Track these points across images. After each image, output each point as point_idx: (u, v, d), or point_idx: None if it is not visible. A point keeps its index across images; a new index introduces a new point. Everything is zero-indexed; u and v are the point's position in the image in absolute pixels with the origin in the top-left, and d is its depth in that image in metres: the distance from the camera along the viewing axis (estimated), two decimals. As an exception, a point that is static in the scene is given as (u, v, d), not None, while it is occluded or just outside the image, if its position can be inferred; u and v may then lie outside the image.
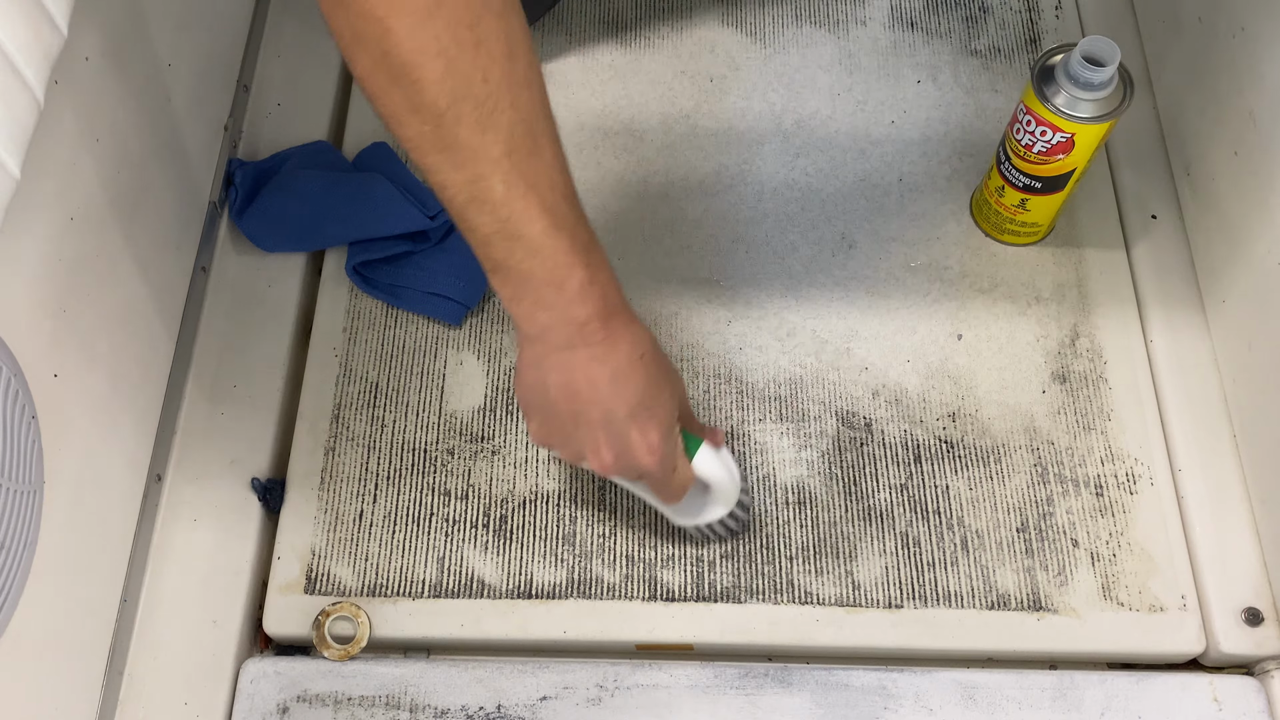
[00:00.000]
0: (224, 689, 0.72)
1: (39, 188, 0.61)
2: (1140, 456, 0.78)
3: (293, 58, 0.94)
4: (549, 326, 0.60)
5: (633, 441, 0.63)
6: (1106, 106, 0.74)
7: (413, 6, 0.49)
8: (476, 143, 0.53)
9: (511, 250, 0.57)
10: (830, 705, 0.71)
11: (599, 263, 0.60)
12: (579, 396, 0.62)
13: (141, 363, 0.74)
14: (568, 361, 0.61)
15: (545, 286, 0.58)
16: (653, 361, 0.63)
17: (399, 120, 0.53)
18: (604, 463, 0.64)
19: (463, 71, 0.51)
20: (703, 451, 0.67)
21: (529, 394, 0.65)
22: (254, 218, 0.85)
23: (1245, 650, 0.72)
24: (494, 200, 0.55)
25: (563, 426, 0.64)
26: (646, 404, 0.63)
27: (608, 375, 0.61)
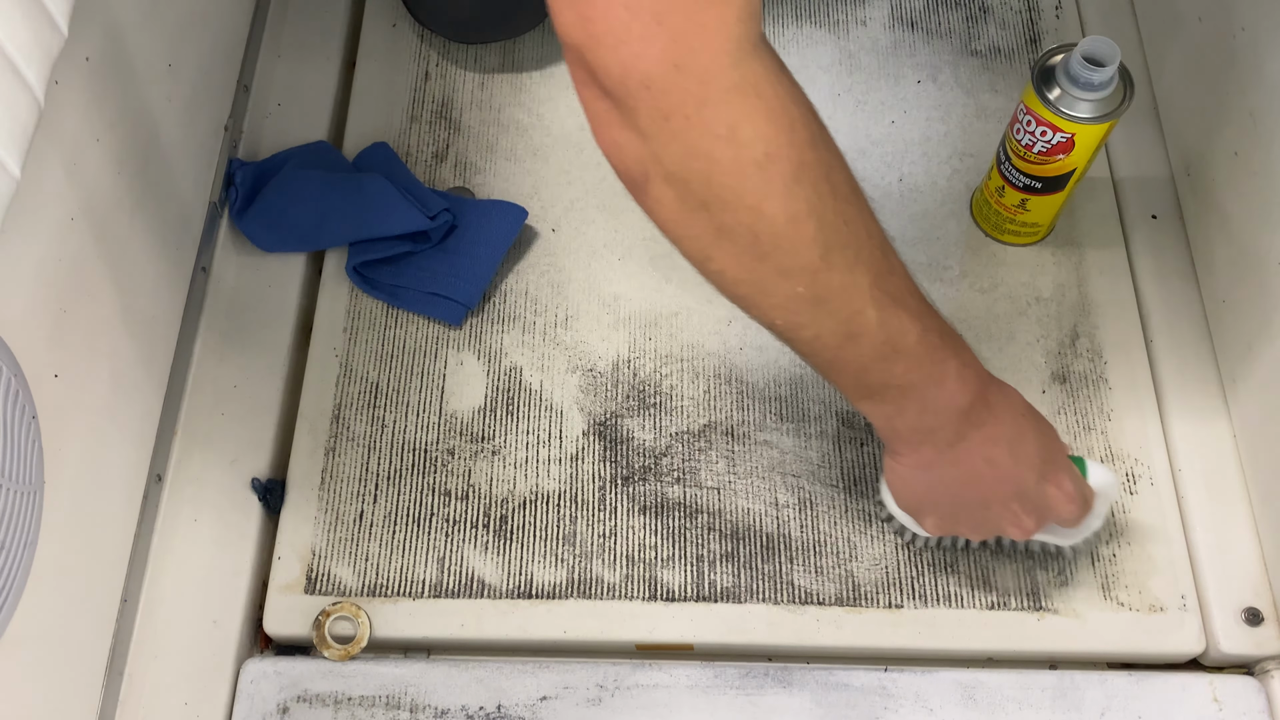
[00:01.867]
0: (224, 689, 0.72)
1: (39, 188, 0.61)
2: (1140, 456, 0.78)
3: (293, 58, 0.94)
4: (935, 428, 0.60)
5: (1050, 498, 0.64)
6: (1106, 106, 0.74)
7: (783, 179, 0.49)
8: (848, 283, 0.53)
9: (890, 369, 0.57)
10: (830, 705, 0.71)
11: (962, 344, 0.60)
12: (984, 482, 0.63)
13: (141, 363, 0.74)
14: (961, 454, 0.61)
15: (927, 389, 0.58)
16: (1033, 414, 0.64)
17: (766, 293, 0.53)
18: (1027, 530, 0.65)
19: (830, 223, 0.51)
20: (1093, 466, 0.68)
21: (922, 496, 0.65)
22: (254, 218, 0.85)
23: (1245, 650, 0.72)
24: (870, 330, 0.54)
25: (970, 514, 0.65)
26: (1048, 459, 0.63)
27: (1006, 450, 0.62)
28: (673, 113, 0.46)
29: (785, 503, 0.77)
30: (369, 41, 0.96)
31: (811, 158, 0.50)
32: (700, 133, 0.47)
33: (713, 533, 0.76)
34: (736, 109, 0.47)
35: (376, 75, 0.95)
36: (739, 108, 0.47)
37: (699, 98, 0.46)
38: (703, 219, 0.50)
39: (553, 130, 0.92)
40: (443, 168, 0.90)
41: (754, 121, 0.47)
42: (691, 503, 0.77)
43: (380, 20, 0.97)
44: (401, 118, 0.92)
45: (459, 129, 0.92)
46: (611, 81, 0.46)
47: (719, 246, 0.51)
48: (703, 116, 0.46)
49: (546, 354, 0.82)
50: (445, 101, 0.93)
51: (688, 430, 0.79)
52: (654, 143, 0.48)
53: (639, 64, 0.45)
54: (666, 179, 0.49)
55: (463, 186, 0.89)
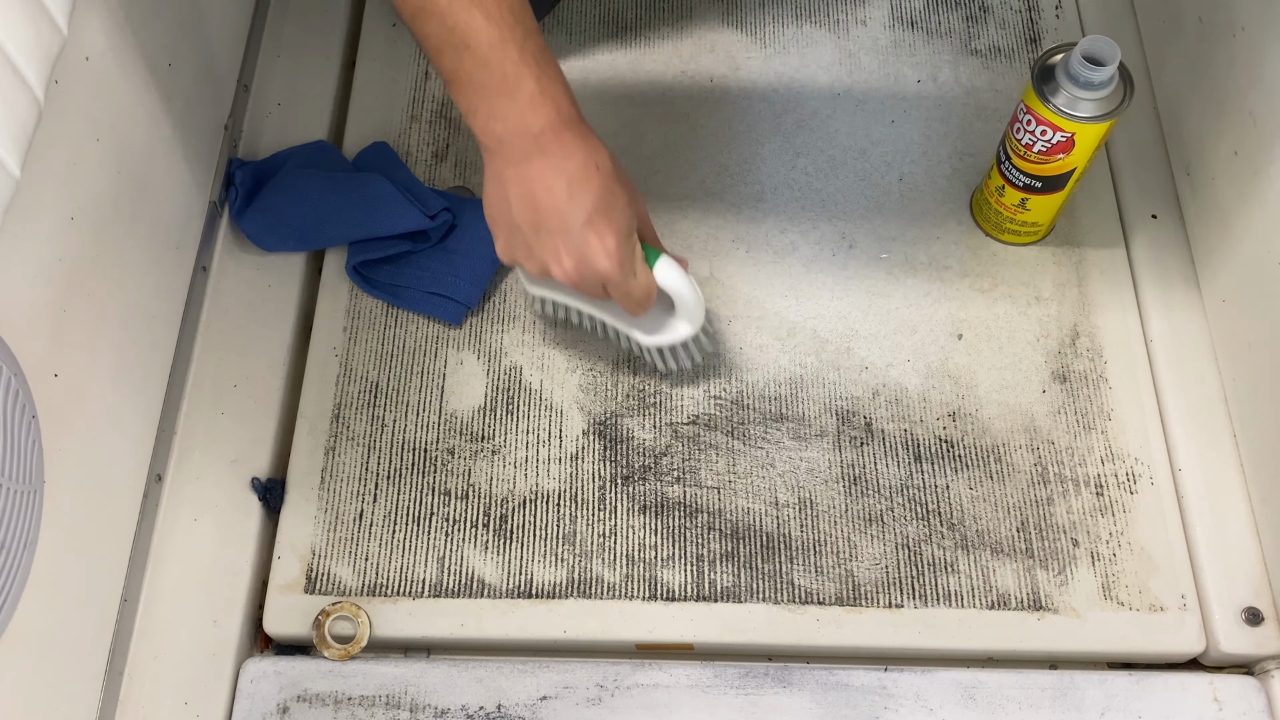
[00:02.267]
0: (224, 689, 0.72)
1: (39, 188, 0.61)
2: (1140, 456, 0.78)
3: (293, 58, 0.94)
4: (504, 139, 0.62)
5: (591, 246, 0.65)
6: (1106, 106, 0.74)
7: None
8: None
9: (461, 60, 0.59)
10: (830, 705, 0.71)
11: (551, 75, 0.62)
12: (538, 206, 0.64)
13: (141, 363, 0.74)
14: (525, 173, 0.63)
15: (497, 97, 0.61)
16: (609, 173, 0.65)
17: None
18: (565, 269, 0.66)
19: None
20: (663, 261, 0.69)
21: (493, 210, 0.67)
22: (254, 218, 0.85)
23: (1245, 650, 0.72)
24: (439, 10, 0.57)
25: (525, 239, 0.67)
26: (602, 210, 0.65)
27: (564, 184, 0.63)
28: None
29: (785, 503, 0.77)
30: (369, 41, 0.96)
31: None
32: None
33: (713, 532, 0.76)
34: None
35: (376, 75, 0.95)
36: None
37: None
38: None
39: (553, 130, 0.92)
40: (443, 167, 0.90)
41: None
42: (691, 502, 0.77)
43: (380, 20, 0.97)
44: (401, 118, 0.92)
45: (459, 129, 0.92)
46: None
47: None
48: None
49: (546, 354, 0.82)
50: (445, 101, 0.93)
51: (688, 430, 0.79)
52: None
53: None
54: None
55: (463, 186, 0.89)
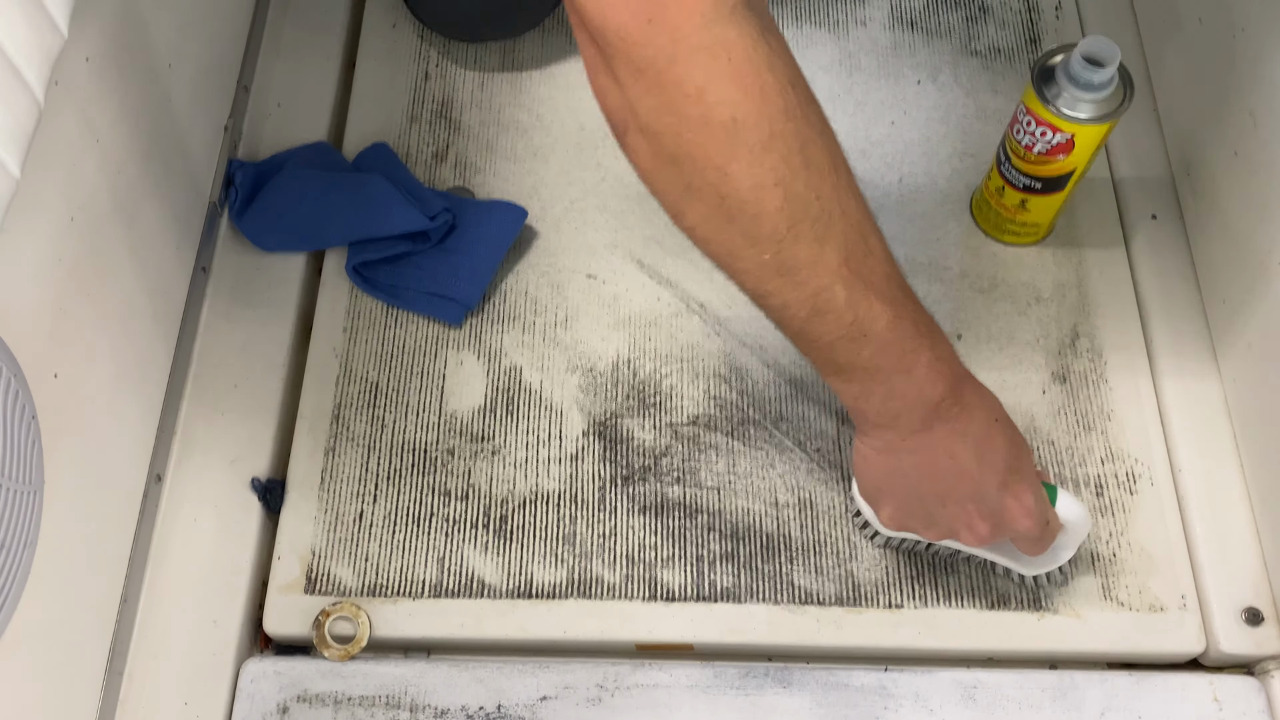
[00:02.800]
0: (224, 689, 0.72)
1: (39, 188, 0.61)
2: (1140, 456, 0.78)
3: (293, 58, 0.94)
4: (901, 413, 0.60)
5: (1008, 508, 0.63)
6: (1106, 107, 0.74)
7: (749, 146, 0.50)
8: (815, 257, 0.53)
9: (858, 351, 0.57)
10: (830, 705, 0.71)
11: (940, 338, 0.60)
12: (943, 475, 0.62)
13: (141, 363, 0.74)
14: (925, 443, 0.61)
15: (894, 375, 0.58)
16: (1007, 423, 0.63)
17: (736, 255, 0.54)
18: (980, 536, 0.64)
19: (798, 195, 0.52)
20: (1063, 496, 0.67)
21: (881, 481, 0.65)
22: (254, 218, 0.85)
23: (1245, 650, 0.72)
24: (837, 308, 0.55)
25: (926, 508, 0.64)
26: (1014, 468, 0.63)
27: (971, 449, 0.61)
28: (646, 67, 0.48)
29: (785, 503, 0.77)
30: (369, 41, 0.96)
31: (784, 128, 0.50)
32: (671, 89, 0.48)
33: (713, 533, 0.76)
34: (705, 70, 0.48)
35: (376, 75, 0.95)
36: (707, 69, 0.48)
37: (669, 54, 0.47)
38: (673, 173, 0.51)
39: (553, 130, 0.92)
40: (443, 168, 0.90)
41: (722, 84, 0.48)
42: (691, 503, 0.77)
43: (380, 20, 0.97)
44: (401, 118, 0.92)
45: (459, 129, 0.92)
46: (594, 28, 0.48)
47: (689, 203, 0.52)
48: (673, 73, 0.48)
49: (546, 354, 0.82)
50: (445, 101, 0.93)
51: (688, 430, 0.79)
52: (630, 93, 0.50)
53: (615, 15, 0.47)
54: (641, 130, 0.51)
55: (463, 186, 0.89)
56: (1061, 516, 0.67)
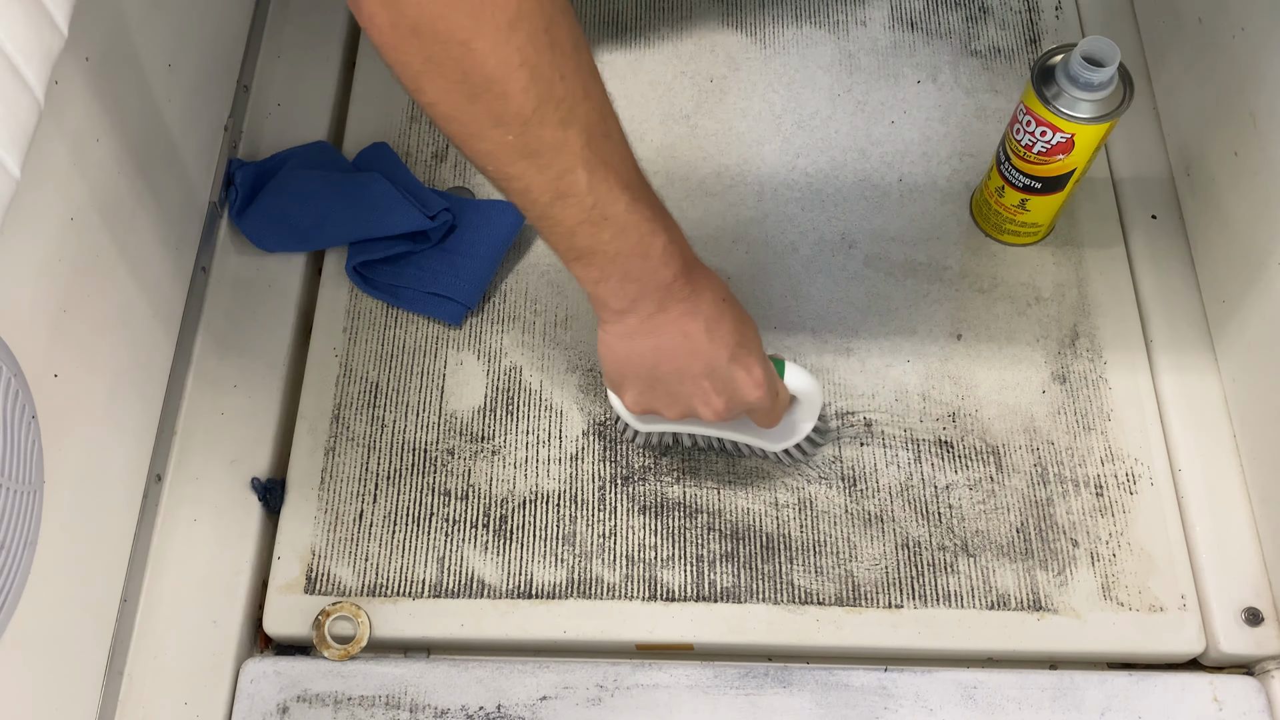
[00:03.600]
0: (224, 689, 0.72)
1: (39, 188, 0.61)
2: (1140, 456, 0.78)
3: (293, 58, 0.94)
4: (638, 296, 0.61)
5: (739, 381, 0.64)
6: (1106, 107, 0.74)
7: (495, 23, 0.49)
8: (560, 140, 0.53)
9: (598, 233, 0.57)
10: (830, 705, 0.71)
11: (671, 221, 0.61)
12: (678, 353, 0.63)
13: (141, 363, 0.74)
14: (660, 324, 0.62)
15: (632, 259, 0.59)
16: (733, 303, 0.65)
17: (478, 136, 0.53)
18: (716, 410, 0.65)
19: (544, 76, 0.51)
20: (792, 368, 0.69)
21: (623, 366, 0.66)
22: (254, 218, 0.85)
23: (1245, 650, 0.72)
24: (579, 191, 0.55)
25: (667, 388, 0.66)
26: (741, 342, 0.64)
27: (701, 326, 0.62)
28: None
29: (785, 503, 0.77)
30: (369, 42, 0.96)
31: (530, 6, 0.49)
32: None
33: (713, 533, 0.76)
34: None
35: (376, 75, 0.95)
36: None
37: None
38: (413, 44, 0.50)
39: (553, 130, 0.92)
40: (443, 168, 0.90)
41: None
42: (691, 503, 0.77)
43: (380, 20, 0.97)
44: (401, 118, 0.92)
45: (459, 129, 0.92)
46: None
47: (430, 78, 0.51)
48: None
49: (546, 354, 0.82)
50: None
51: (688, 430, 0.79)
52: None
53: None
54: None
55: (463, 186, 0.89)
56: (791, 388, 0.70)
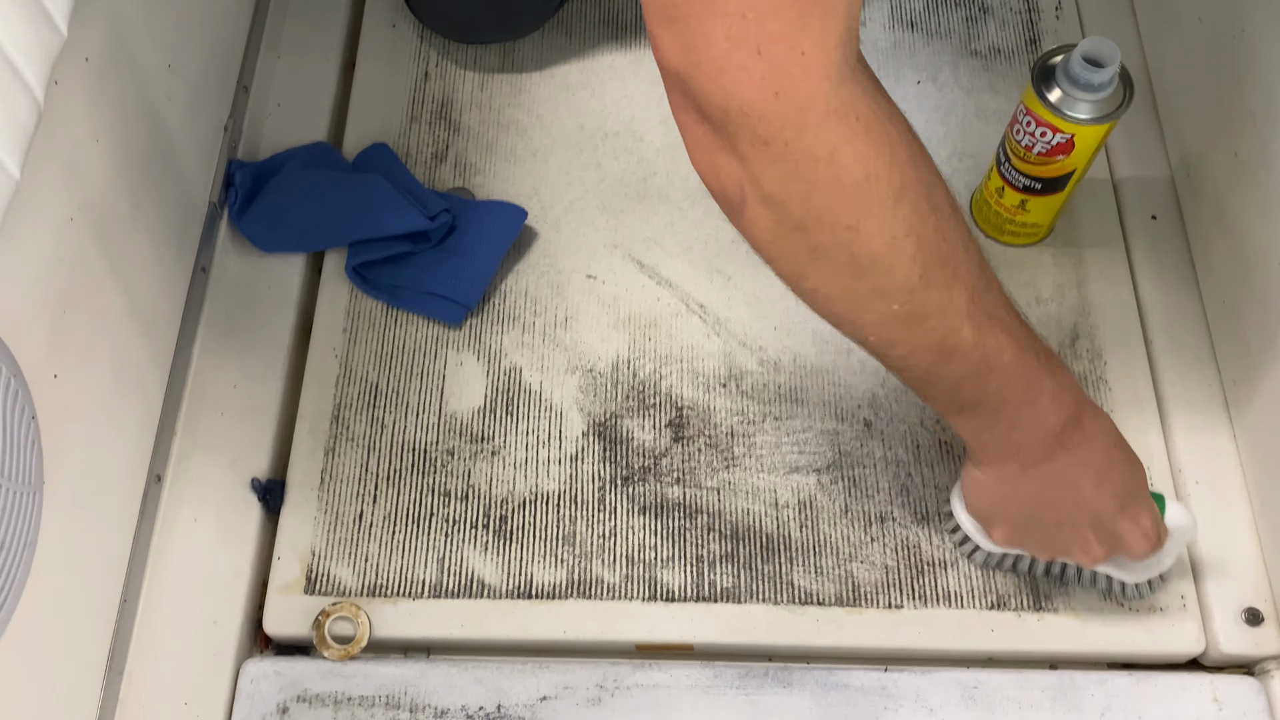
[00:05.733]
0: (224, 689, 0.72)
1: (39, 188, 0.61)
2: (1140, 456, 0.78)
3: (293, 58, 0.94)
4: (1023, 445, 0.60)
5: (1126, 532, 0.63)
6: (1106, 107, 0.74)
7: (881, 200, 0.49)
8: (945, 301, 0.53)
9: (983, 387, 0.56)
10: (830, 705, 0.71)
11: (1059, 365, 0.59)
12: (1064, 504, 0.62)
13: (141, 363, 0.74)
14: (1046, 473, 0.61)
15: (1019, 408, 0.58)
16: (1124, 445, 0.63)
17: (860, 311, 0.53)
18: (1095, 558, 0.64)
19: (929, 242, 0.51)
20: (1173, 506, 0.67)
21: (997, 506, 0.65)
22: (254, 218, 0.85)
23: (1245, 650, 0.72)
24: (965, 347, 0.54)
25: (1044, 532, 0.65)
26: (1132, 493, 0.63)
27: (1091, 478, 0.61)
28: (772, 138, 0.47)
29: (785, 503, 0.77)
30: (369, 41, 0.96)
31: (913, 177, 0.50)
32: (800, 157, 0.47)
33: (713, 533, 0.76)
34: (836, 133, 0.47)
35: (376, 75, 0.95)
36: (838, 132, 0.47)
37: (798, 124, 0.46)
38: (798, 239, 0.50)
39: (553, 130, 0.92)
40: (443, 168, 0.90)
41: (854, 144, 0.48)
42: (691, 503, 0.77)
43: (380, 20, 0.97)
44: (401, 118, 0.92)
45: (459, 129, 0.92)
46: (711, 108, 0.47)
47: (814, 266, 0.51)
48: (802, 141, 0.47)
49: (546, 354, 0.82)
50: (445, 101, 0.93)
51: (688, 430, 0.79)
52: (752, 166, 0.48)
53: (739, 92, 0.46)
54: (763, 200, 0.49)
55: (463, 187, 0.89)
56: (1172, 525, 0.67)
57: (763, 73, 0.45)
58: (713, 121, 0.47)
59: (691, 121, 0.49)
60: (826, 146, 0.47)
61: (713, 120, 0.47)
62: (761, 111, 0.46)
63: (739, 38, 0.45)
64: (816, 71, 0.46)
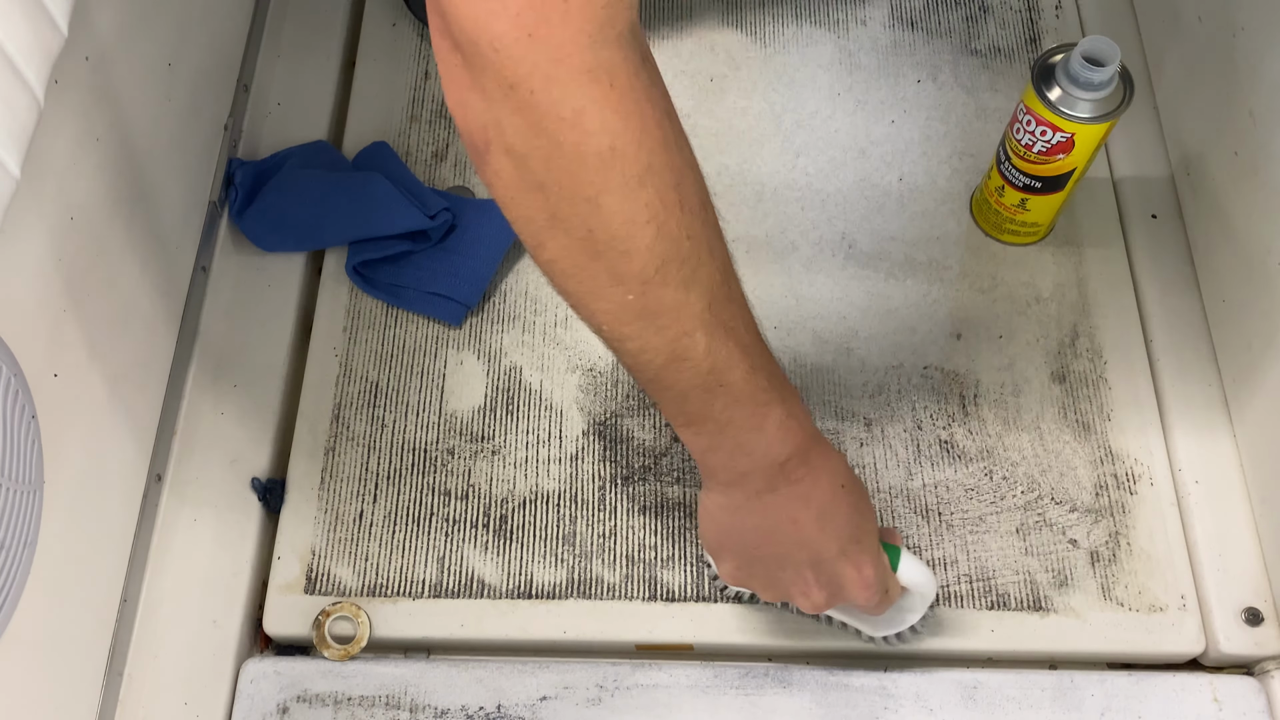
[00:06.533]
0: (224, 689, 0.72)
1: (39, 188, 0.61)
2: (1140, 456, 0.78)
3: (293, 58, 0.94)
4: (748, 472, 0.58)
5: (846, 578, 0.60)
6: (1106, 106, 0.74)
7: (625, 178, 0.47)
8: (681, 301, 0.50)
9: (711, 402, 0.54)
10: (830, 705, 0.71)
11: (792, 394, 0.57)
12: (783, 540, 0.60)
13: (141, 363, 0.74)
14: (769, 505, 0.58)
15: (745, 432, 0.56)
16: (853, 489, 0.61)
17: (596, 294, 0.50)
18: (815, 603, 0.61)
19: (670, 234, 0.49)
20: (905, 560, 0.64)
21: (723, 538, 0.62)
22: (254, 218, 0.85)
23: (1245, 650, 0.72)
24: (696, 355, 0.52)
25: (766, 570, 0.62)
26: (855, 537, 0.60)
27: (813, 515, 0.59)
28: (519, 83, 0.44)
29: (785, 503, 0.77)
30: (369, 41, 0.96)
31: (661, 161, 0.47)
32: (545, 110, 0.45)
33: (713, 533, 0.76)
34: (586, 93, 0.45)
35: (376, 75, 0.95)
36: (589, 92, 0.45)
37: (547, 74, 0.44)
38: (538, 200, 0.47)
39: (553, 130, 0.92)
40: (442, 167, 0.90)
41: (602, 111, 0.45)
42: (691, 503, 0.77)
43: (380, 20, 0.97)
44: (401, 117, 0.92)
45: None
46: (464, 36, 0.44)
47: (552, 234, 0.48)
48: (549, 94, 0.44)
49: (546, 354, 0.82)
50: (445, 101, 0.93)
51: (688, 430, 0.79)
52: (498, 110, 0.45)
53: (492, 23, 0.43)
54: (507, 150, 0.46)
55: (462, 186, 0.89)
56: (904, 581, 0.65)
57: (519, 8, 0.43)
58: (463, 53, 0.45)
59: (446, 49, 0.46)
60: (573, 105, 0.45)
61: (464, 51, 0.45)
62: (511, 50, 0.43)
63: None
64: (576, 22, 0.43)
